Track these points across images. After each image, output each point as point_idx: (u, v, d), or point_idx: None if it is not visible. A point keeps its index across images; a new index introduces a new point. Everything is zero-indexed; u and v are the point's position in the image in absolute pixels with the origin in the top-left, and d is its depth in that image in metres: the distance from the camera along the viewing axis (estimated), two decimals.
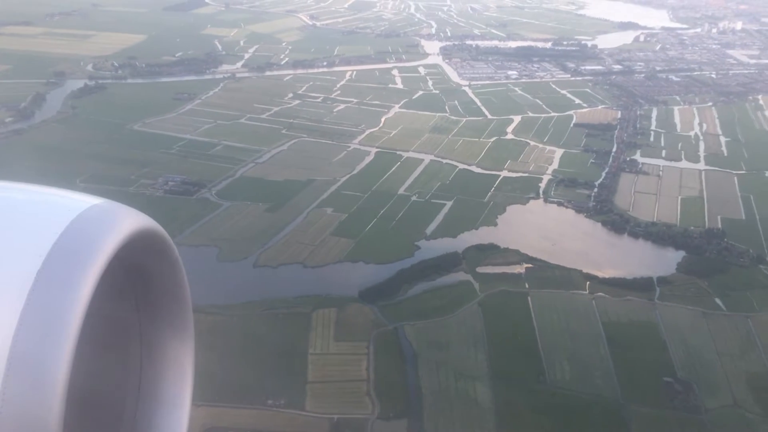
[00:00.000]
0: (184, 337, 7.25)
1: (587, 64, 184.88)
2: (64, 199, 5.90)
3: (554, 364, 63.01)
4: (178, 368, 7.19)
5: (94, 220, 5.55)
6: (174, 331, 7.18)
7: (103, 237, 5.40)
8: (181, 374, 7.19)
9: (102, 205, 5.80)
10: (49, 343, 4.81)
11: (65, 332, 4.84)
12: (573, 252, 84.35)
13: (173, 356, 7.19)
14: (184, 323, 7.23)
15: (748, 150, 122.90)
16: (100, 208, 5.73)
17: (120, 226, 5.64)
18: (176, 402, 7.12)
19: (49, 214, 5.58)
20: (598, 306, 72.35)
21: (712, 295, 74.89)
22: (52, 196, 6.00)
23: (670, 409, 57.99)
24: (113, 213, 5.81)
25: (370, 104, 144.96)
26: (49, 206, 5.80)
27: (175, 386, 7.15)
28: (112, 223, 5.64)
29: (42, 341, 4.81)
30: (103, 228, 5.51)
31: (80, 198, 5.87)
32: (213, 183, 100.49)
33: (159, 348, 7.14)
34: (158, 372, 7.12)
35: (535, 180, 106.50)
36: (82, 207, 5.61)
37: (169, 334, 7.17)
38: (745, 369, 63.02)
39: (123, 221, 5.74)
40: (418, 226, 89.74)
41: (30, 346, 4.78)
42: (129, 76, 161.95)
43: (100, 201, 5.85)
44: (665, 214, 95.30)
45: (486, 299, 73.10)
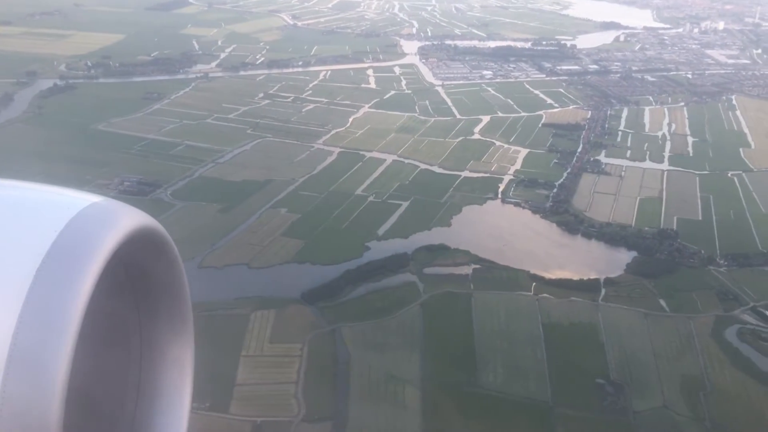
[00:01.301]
0: (184, 335, 7.22)
1: (564, 64, 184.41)
2: (63, 197, 5.84)
3: (488, 366, 62.62)
4: (178, 367, 7.15)
5: (94, 218, 5.52)
6: (173, 330, 7.14)
7: (103, 235, 5.38)
8: (180, 373, 7.15)
9: (101, 203, 5.77)
10: (49, 341, 4.80)
11: (65, 331, 4.83)
12: (523, 253, 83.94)
13: (173, 355, 7.16)
14: (183, 322, 7.20)
15: (714, 150, 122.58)
16: (99, 206, 5.70)
17: (119, 224, 5.60)
18: (176, 401, 7.08)
19: (48, 212, 5.54)
20: (541, 307, 71.94)
21: (657, 296, 74.51)
22: (52, 194, 5.97)
23: (599, 411, 57.60)
24: (113, 211, 5.77)
25: (340, 104, 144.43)
26: (48, 204, 5.76)
27: (174, 385, 7.10)
28: (112, 221, 5.60)
29: (41, 340, 4.79)
30: (103, 226, 5.48)
31: (79, 196, 5.83)
32: (169, 183, 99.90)
33: (158, 347, 7.10)
34: (158, 371, 7.07)
35: (495, 180, 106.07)
36: (81, 205, 5.57)
37: (169, 333, 7.12)
38: (680, 371, 62.65)
39: (122, 219, 5.70)
40: (371, 226, 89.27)
41: (29, 344, 4.76)
42: (101, 76, 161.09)
43: (100, 199, 5.81)
44: (622, 214, 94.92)
45: (428, 300, 72.66)
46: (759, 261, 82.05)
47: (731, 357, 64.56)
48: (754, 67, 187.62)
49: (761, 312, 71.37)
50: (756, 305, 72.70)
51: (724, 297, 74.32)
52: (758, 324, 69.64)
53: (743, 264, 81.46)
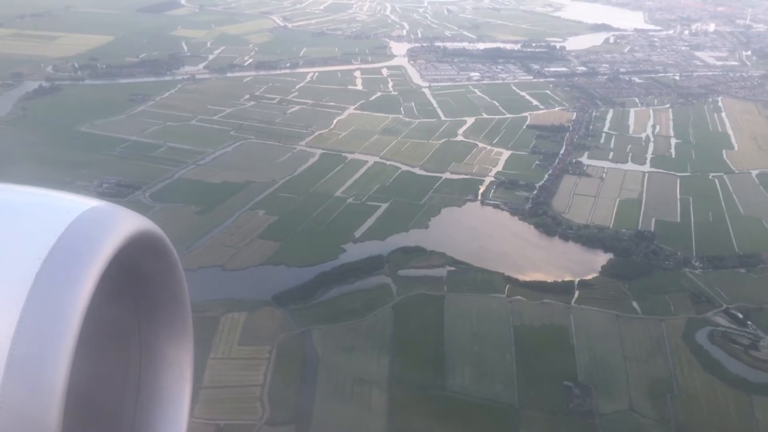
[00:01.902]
0: (183, 338, 7.25)
1: (552, 65, 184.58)
2: (63, 201, 5.87)
3: (456, 368, 62.44)
4: (177, 369, 7.17)
5: (93, 222, 5.55)
6: (173, 333, 7.17)
7: (102, 239, 5.40)
8: (180, 375, 7.17)
9: (101, 207, 5.81)
10: (49, 344, 4.81)
11: (64, 334, 4.85)
12: (499, 254, 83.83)
13: (172, 357, 7.18)
14: (182, 325, 7.22)
15: (697, 152, 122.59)
16: (99, 210, 5.74)
17: (119, 228, 5.64)
18: (175, 403, 7.10)
19: (48, 216, 5.56)
20: (514, 309, 71.80)
21: (630, 298, 74.40)
22: (52, 198, 5.98)
23: (564, 413, 57.44)
24: (112, 215, 5.81)
25: (326, 106, 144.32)
26: (48, 208, 5.77)
27: (174, 387, 7.12)
28: (111, 225, 5.64)
29: (41, 343, 4.80)
30: (102, 230, 5.51)
31: (79, 200, 5.84)
32: (149, 185, 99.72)
33: (158, 349, 7.13)
34: (157, 373, 7.09)
35: (476, 182, 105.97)
36: (81, 209, 5.60)
37: (168, 336, 7.15)
38: (649, 373, 62.52)
39: (122, 223, 5.74)
40: (349, 228, 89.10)
41: (29, 347, 4.78)
42: (88, 78, 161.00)
43: (100, 203, 5.85)
44: (600, 216, 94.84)
45: (401, 303, 72.51)
46: (734, 263, 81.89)
47: (701, 359, 64.44)
48: (742, 69, 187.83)
49: (734, 314, 71.25)
50: (729, 307, 72.61)
51: (698, 299, 74.23)
52: (730, 326, 69.52)
53: (719, 266, 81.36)
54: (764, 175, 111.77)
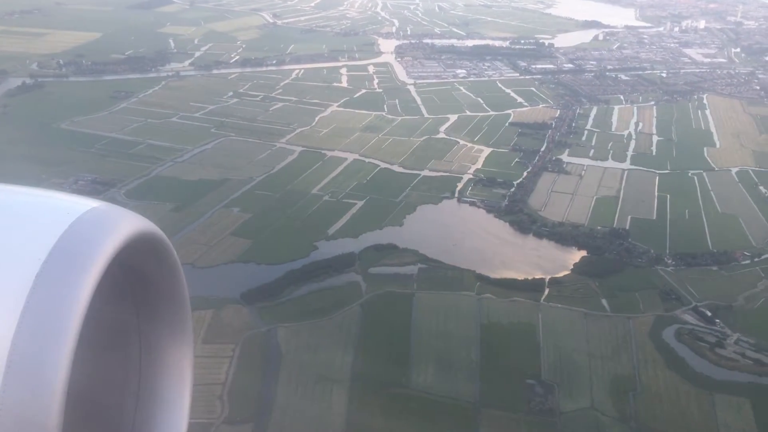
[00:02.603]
0: (183, 339, 7.20)
1: (540, 62, 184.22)
2: (63, 202, 5.84)
3: (420, 366, 62.26)
4: (177, 370, 7.12)
5: (93, 223, 5.51)
6: (173, 334, 7.12)
7: (102, 240, 5.38)
8: (180, 376, 7.11)
9: (101, 207, 5.76)
10: (48, 345, 4.80)
11: (64, 335, 4.83)
12: (472, 252, 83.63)
13: (172, 358, 7.13)
14: (183, 326, 7.17)
15: (678, 149, 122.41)
16: (99, 211, 5.69)
17: (119, 228, 5.60)
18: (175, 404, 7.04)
19: (47, 216, 5.54)
20: (483, 307, 71.62)
21: (599, 295, 74.22)
22: (51, 199, 5.96)
23: (525, 411, 57.27)
24: (112, 216, 5.77)
25: (309, 103, 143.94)
26: (48, 209, 5.73)
27: (174, 388, 7.07)
28: (111, 225, 5.60)
29: (41, 344, 4.80)
30: (102, 231, 5.47)
31: (79, 201, 5.81)
32: (125, 182, 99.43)
33: (158, 350, 7.09)
34: (157, 374, 7.05)
35: (454, 179, 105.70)
36: (81, 210, 5.57)
37: (168, 337, 7.11)
38: (612, 371, 62.38)
39: (122, 224, 5.71)
40: (323, 226, 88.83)
41: (29, 348, 4.77)
42: (72, 75, 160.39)
43: (100, 204, 5.82)
44: (576, 214, 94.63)
45: (369, 300, 72.28)
46: (707, 261, 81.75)
47: (666, 357, 64.29)
48: (729, 66, 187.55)
49: (702, 312, 71.11)
50: (698, 305, 72.46)
51: (667, 297, 74.09)
52: (697, 324, 69.38)
53: (691, 263, 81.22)
54: (744, 172, 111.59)
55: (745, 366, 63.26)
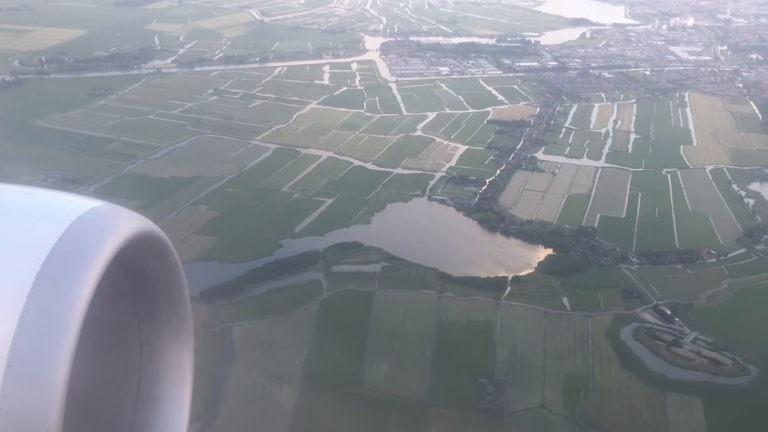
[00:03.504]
0: (184, 339, 7.26)
1: (524, 60, 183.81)
2: (63, 202, 5.87)
3: (374, 365, 62.00)
4: (178, 371, 7.17)
5: (94, 223, 5.54)
6: (173, 334, 7.17)
7: (103, 240, 5.41)
8: (180, 377, 7.16)
9: (101, 207, 5.79)
10: (49, 345, 4.80)
11: (65, 334, 4.84)
12: (438, 250, 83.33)
13: (172, 359, 7.18)
14: (183, 326, 7.24)
15: (654, 147, 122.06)
16: (99, 211, 5.72)
17: (119, 228, 5.63)
18: (175, 404, 7.07)
19: (48, 216, 5.56)
20: (442, 306, 71.36)
21: (561, 294, 73.94)
22: (52, 199, 5.98)
23: (474, 411, 57.04)
24: (113, 215, 5.81)
25: (288, 100, 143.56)
26: (48, 209, 5.76)
27: (174, 389, 7.11)
28: (112, 225, 5.64)
29: (41, 343, 4.80)
30: (103, 230, 5.50)
31: (80, 200, 5.85)
32: (95, 180, 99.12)
33: (158, 350, 7.11)
34: (157, 374, 7.08)
35: (427, 177, 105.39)
36: (81, 209, 5.60)
37: (169, 337, 7.15)
38: (566, 370, 62.12)
39: (122, 224, 5.74)
40: (290, 224, 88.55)
41: (29, 348, 4.78)
42: (53, 72, 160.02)
43: (100, 203, 5.84)
44: (546, 212, 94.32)
45: (329, 299, 72.00)
46: (672, 259, 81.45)
47: (621, 356, 64.04)
48: (714, 64, 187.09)
49: (662, 310, 70.87)
50: (659, 303, 72.20)
51: (629, 295, 73.82)
52: (656, 323, 69.13)
53: (655, 262, 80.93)
54: (719, 170, 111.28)
55: (701, 365, 63.00)
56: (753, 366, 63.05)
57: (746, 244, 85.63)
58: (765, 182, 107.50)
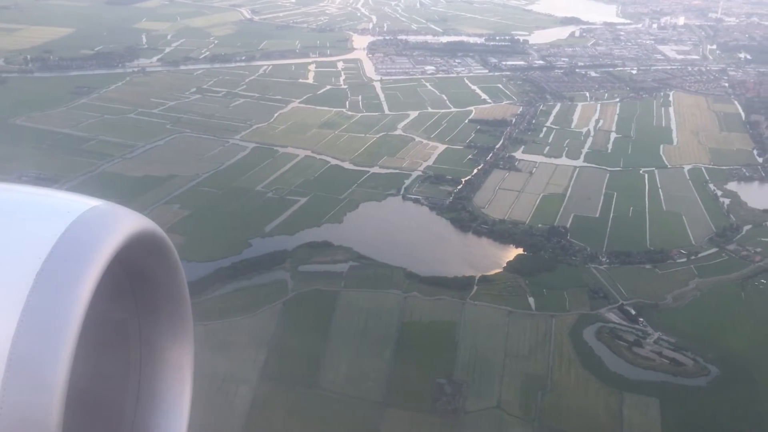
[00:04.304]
0: (184, 339, 7.25)
1: (511, 59, 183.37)
2: (63, 201, 5.86)
3: (333, 365, 61.71)
4: (178, 370, 7.17)
5: (94, 222, 5.52)
6: (173, 333, 7.16)
7: (103, 239, 5.39)
8: (180, 376, 7.16)
9: (102, 206, 5.78)
10: (49, 344, 4.80)
11: (65, 334, 4.83)
12: (407, 249, 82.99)
13: (173, 358, 7.18)
14: (183, 325, 7.22)
15: (634, 146, 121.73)
16: (99, 210, 5.71)
17: (120, 227, 5.62)
18: (176, 404, 7.07)
19: (48, 215, 5.53)
20: (407, 306, 71.11)
21: (527, 294, 73.67)
22: (52, 198, 5.96)
23: (429, 411, 56.76)
24: (113, 215, 5.80)
25: (271, 99, 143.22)
26: (48, 208, 5.73)
27: (174, 388, 7.11)
28: (112, 224, 5.62)
29: (41, 342, 4.79)
30: (103, 230, 5.49)
31: (80, 200, 5.83)
32: (69, 179, 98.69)
33: (158, 350, 7.11)
34: (158, 373, 7.07)
35: (403, 176, 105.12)
36: (81, 209, 5.58)
37: (169, 336, 7.14)
38: (526, 370, 61.87)
39: (123, 223, 5.73)
40: (261, 223, 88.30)
41: (29, 347, 4.77)
42: (37, 70, 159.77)
43: (100, 203, 5.84)
44: (520, 211, 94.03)
45: (293, 299, 71.76)
46: (641, 259, 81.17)
47: (581, 356, 63.76)
48: (701, 63, 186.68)
49: (627, 310, 70.60)
50: (624, 303, 71.94)
51: (595, 295, 73.54)
52: (620, 323, 68.86)
53: (625, 262, 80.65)
54: (697, 169, 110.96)
55: (661, 365, 62.76)
56: (714, 366, 62.86)
57: (718, 244, 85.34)
58: (743, 182, 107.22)
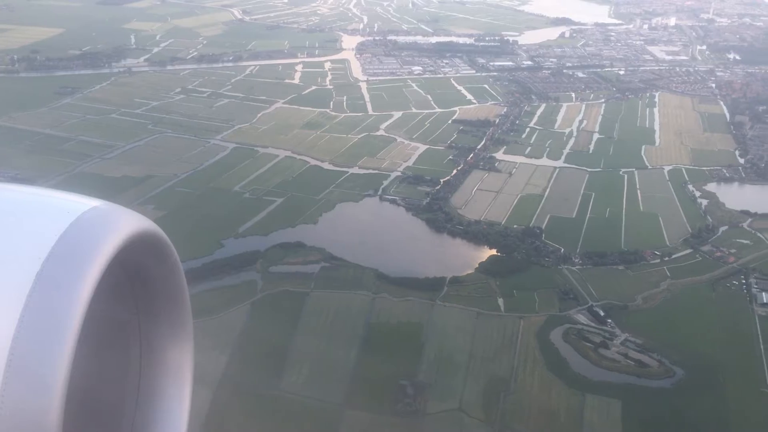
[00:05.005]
0: (184, 339, 7.25)
1: (499, 60, 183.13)
2: (63, 201, 5.86)
3: (295, 367, 61.50)
4: (178, 370, 7.17)
5: (94, 222, 5.52)
6: (173, 333, 7.16)
7: (103, 239, 5.39)
8: (180, 376, 7.16)
9: (102, 207, 5.78)
10: (49, 344, 4.80)
11: (65, 334, 4.84)
12: (380, 250, 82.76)
13: (172, 358, 7.17)
14: (183, 325, 7.23)
15: (616, 147, 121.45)
16: (99, 210, 5.72)
17: (120, 228, 5.62)
18: (175, 404, 7.06)
19: (48, 216, 5.54)
20: (375, 307, 70.87)
21: (497, 295, 73.40)
22: (52, 198, 5.97)
23: (390, 413, 56.51)
24: (113, 215, 5.80)
25: (256, 99, 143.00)
26: (48, 208, 5.75)
27: (174, 388, 7.10)
28: (112, 225, 5.63)
29: (41, 343, 4.80)
30: (103, 230, 5.49)
31: (80, 200, 5.83)
32: (46, 179, 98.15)
33: (158, 350, 7.11)
34: (157, 374, 7.08)
35: (382, 177, 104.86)
36: (81, 209, 5.59)
37: (169, 336, 7.14)
38: (490, 372, 61.64)
39: (123, 223, 5.73)
40: (235, 224, 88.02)
41: (29, 347, 4.78)
42: (24, 70, 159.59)
43: (100, 203, 5.83)
44: (496, 212, 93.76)
45: (262, 300, 71.53)
46: (614, 260, 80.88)
47: (547, 358, 63.46)
48: (690, 64, 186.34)
49: (596, 312, 70.33)
50: (593, 305, 71.66)
51: (566, 296, 73.28)
52: (588, 324, 68.59)
53: (598, 263, 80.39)
54: (677, 170, 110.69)
55: (626, 367, 62.52)
56: (679, 368, 62.60)
57: (692, 245, 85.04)
58: (722, 183, 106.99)
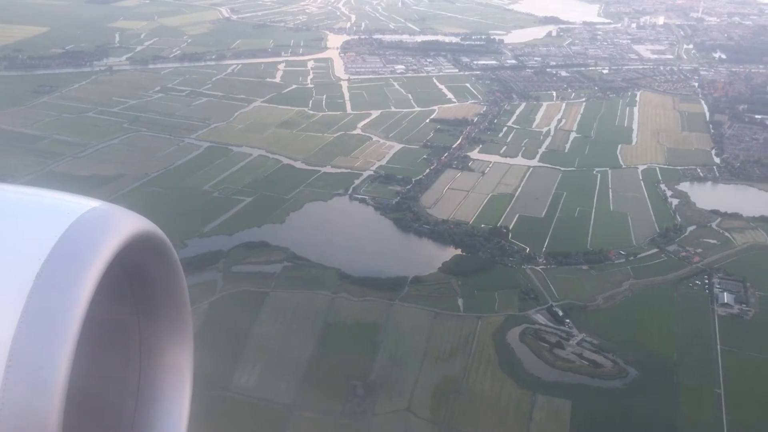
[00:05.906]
0: (183, 339, 7.26)
1: (484, 59, 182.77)
2: (63, 202, 5.86)
3: (248, 368, 61.21)
4: (177, 370, 7.17)
5: (94, 223, 5.52)
6: (173, 333, 7.17)
7: (103, 240, 5.39)
8: (179, 376, 7.16)
9: (101, 207, 5.79)
10: (49, 344, 4.81)
11: (65, 334, 4.84)
12: (345, 250, 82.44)
13: (172, 358, 7.17)
14: (183, 325, 7.26)
15: (593, 146, 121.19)
16: (99, 211, 5.72)
17: (119, 228, 5.63)
18: (175, 403, 7.07)
19: (48, 216, 5.54)
20: (334, 307, 70.55)
21: (457, 295, 73.11)
22: (52, 199, 5.96)
23: (338, 413, 56.22)
24: (113, 216, 5.80)
25: (234, 98, 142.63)
26: (48, 209, 5.73)
27: (174, 388, 7.11)
28: (112, 225, 5.62)
29: (42, 343, 4.81)
30: (103, 231, 5.49)
31: (80, 201, 5.83)
32: (15, 177, 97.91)
33: (158, 350, 7.12)
34: (157, 373, 7.08)
35: (354, 176, 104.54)
36: (81, 210, 5.59)
37: (168, 336, 7.15)
38: (443, 372, 61.34)
39: (122, 224, 5.74)
40: (201, 223, 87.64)
41: (30, 347, 4.78)
42: (4, 69, 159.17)
43: (100, 204, 5.84)
44: (465, 212, 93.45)
45: (221, 299, 71.14)
46: (578, 260, 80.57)
47: (501, 358, 63.15)
48: (675, 63, 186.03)
49: (555, 312, 70.04)
50: (553, 305, 71.37)
51: (526, 296, 72.97)
52: (545, 324, 68.29)
53: (562, 263, 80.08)
54: (651, 170, 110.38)
55: (580, 367, 62.23)
56: (633, 368, 62.29)
57: (659, 245, 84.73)
58: (695, 182, 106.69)
